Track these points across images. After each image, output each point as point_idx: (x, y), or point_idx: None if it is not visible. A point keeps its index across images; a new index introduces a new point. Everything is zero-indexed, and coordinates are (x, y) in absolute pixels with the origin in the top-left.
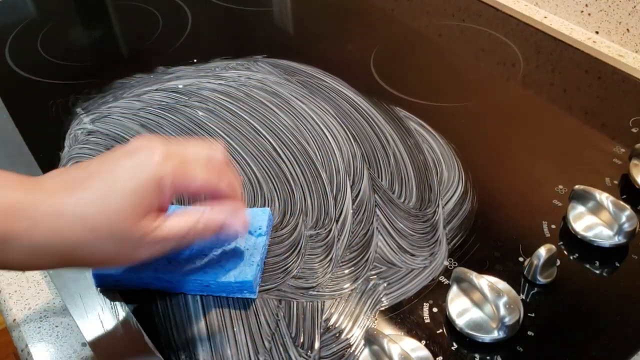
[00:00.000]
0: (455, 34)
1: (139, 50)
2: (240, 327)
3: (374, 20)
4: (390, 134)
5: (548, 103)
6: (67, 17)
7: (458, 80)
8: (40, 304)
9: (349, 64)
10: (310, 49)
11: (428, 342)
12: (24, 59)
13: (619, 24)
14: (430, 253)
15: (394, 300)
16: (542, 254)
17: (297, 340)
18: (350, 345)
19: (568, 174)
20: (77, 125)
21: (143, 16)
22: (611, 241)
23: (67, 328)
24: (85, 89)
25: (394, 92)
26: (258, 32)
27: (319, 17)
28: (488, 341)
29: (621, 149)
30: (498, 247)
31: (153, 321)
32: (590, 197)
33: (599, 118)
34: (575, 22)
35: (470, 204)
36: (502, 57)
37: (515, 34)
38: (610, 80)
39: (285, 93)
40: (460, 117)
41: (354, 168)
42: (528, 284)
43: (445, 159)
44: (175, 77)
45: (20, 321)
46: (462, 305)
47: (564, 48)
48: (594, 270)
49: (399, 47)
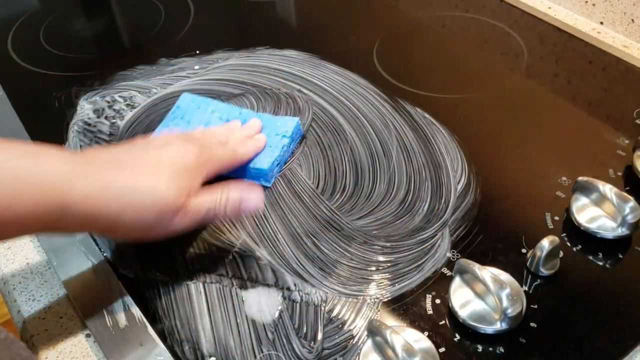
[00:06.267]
0: (458, 25)
1: (142, 41)
2: (244, 318)
3: (377, 11)
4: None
5: (552, 94)
6: (69, 9)
7: (461, 72)
8: (45, 295)
9: (352, 55)
10: (312, 40)
11: (431, 333)
12: (27, 51)
13: (624, 15)
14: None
15: (396, 292)
16: (545, 245)
17: (300, 331)
18: (353, 337)
19: (571, 166)
20: (79, 116)
21: (145, 8)
22: (614, 233)
23: (71, 319)
24: (88, 80)
25: (397, 84)
26: (260, 24)
27: (322, 9)
28: (490, 332)
29: (625, 141)
30: (501, 238)
31: (157, 312)
32: (594, 189)
33: (603, 109)
34: (580, 13)
35: (474, 196)
36: (505, 48)
37: (519, 24)
38: (614, 72)
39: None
40: (464, 109)
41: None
42: (531, 275)
43: (449, 150)
44: (177, 69)
45: (24, 312)
46: (464, 297)
47: (568, 39)
48: (597, 262)
49: (402, 38)
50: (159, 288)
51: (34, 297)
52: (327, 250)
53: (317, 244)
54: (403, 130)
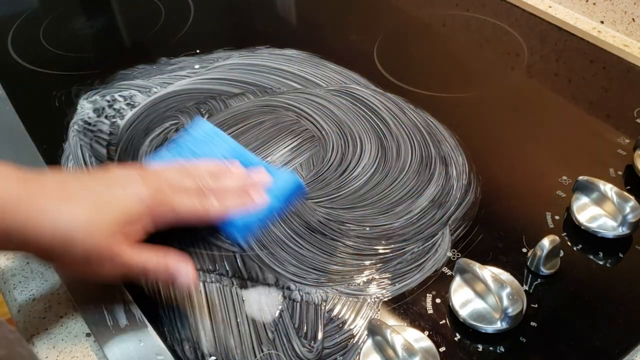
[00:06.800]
0: (459, 24)
1: (142, 41)
2: (244, 317)
3: (377, 10)
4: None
5: (552, 93)
6: (69, 8)
7: (461, 71)
8: (45, 294)
9: (352, 54)
10: (313, 39)
11: (431, 332)
12: (27, 50)
13: (625, 14)
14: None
15: (397, 291)
16: (546, 245)
17: (300, 330)
18: (354, 336)
19: (572, 165)
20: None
21: (145, 7)
22: (615, 232)
23: (71, 318)
24: (88, 79)
25: (397, 83)
26: (261, 23)
27: (322, 7)
28: (491, 332)
29: (625, 140)
30: (501, 238)
31: (157, 312)
32: (594, 188)
33: (604, 108)
34: (580, 12)
35: (474, 195)
36: (506, 47)
37: (519, 23)
38: (615, 71)
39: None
40: (464, 108)
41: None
42: (531, 275)
43: (449, 149)
44: (177, 68)
45: (25, 312)
46: (465, 296)
47: (568, 38)
48: (597, 261)
49: (403, 37)
50: (159, 287)
51: (34, 296)
52: (327, 249)
53: (316, 243)
54: (403, 129)
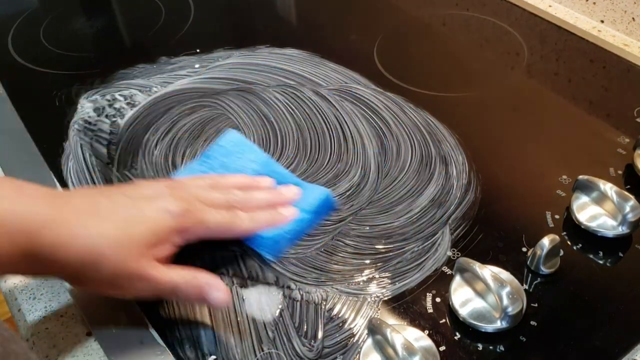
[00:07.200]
0: (459, 24)
1: (142, 40)
2: (244, 316)
3: (377, 10)
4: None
5: (552, 93)
6: (69, 7)
7: (462, 70)
8: (46, 294)
9: (352, 54)
10: (313, 39)
11: (431, 331)
12: (27, 50)
13: (625, 13)
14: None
15: (397, 291)
16: (546, 244)
17: (300, 329)
18: (354, 335)
19: (572, 164)
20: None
21: (146, 6)
22: (615, 231)
23: (72, 318)
24: (88, 79)
25: (397, 82)
26: (261, 22)
27: (322, 7)
28: (491, 331)
29: (625, 139)
30: (501, 237)
31: (158, 311)
32: (594, 187)
33: (604, 108)
34: (580, 11)
35: (474, 194)
36: (506, 47)
37: (519, 23)
38: (615, 70)
39: None
40: (464, 107)
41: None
42: (531, 274)
43: (449, 149)
44: (178, 68)
45: (25, 311)
46: (465, 295)
47: (568, 37)
48: (597, 260)
49: (403, 37)
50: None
51: (34, 295)
52: (327, 249)
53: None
54: (403, 129)
